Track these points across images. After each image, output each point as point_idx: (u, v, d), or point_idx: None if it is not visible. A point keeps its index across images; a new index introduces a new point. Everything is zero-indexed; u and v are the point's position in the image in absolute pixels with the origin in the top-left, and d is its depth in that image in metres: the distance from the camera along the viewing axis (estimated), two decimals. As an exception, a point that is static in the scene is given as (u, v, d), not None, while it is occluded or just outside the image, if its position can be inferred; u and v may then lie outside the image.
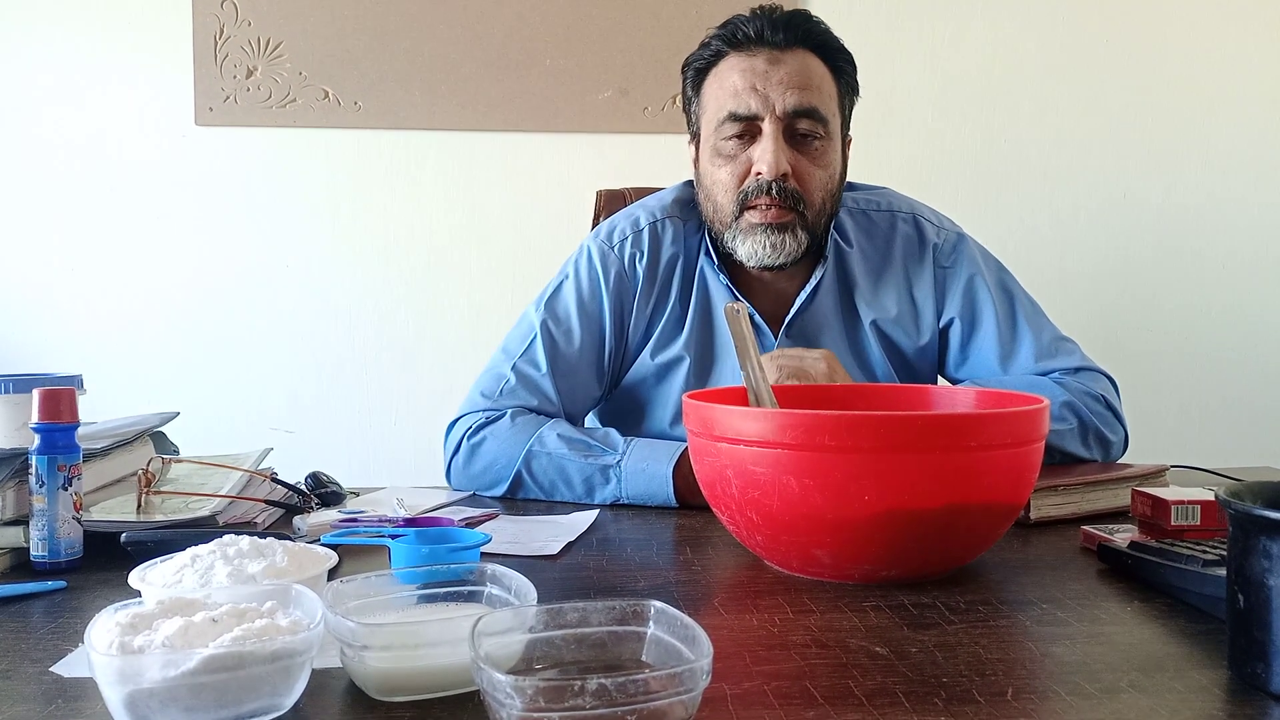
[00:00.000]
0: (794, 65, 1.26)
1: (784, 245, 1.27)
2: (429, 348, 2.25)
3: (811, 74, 1.27)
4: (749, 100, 1.25)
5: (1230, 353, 2.36)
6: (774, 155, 1.24)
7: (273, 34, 2.19)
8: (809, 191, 1.27)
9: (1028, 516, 1.07)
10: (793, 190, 1.26)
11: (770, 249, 1.27)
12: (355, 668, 0.63)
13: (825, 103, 1.27)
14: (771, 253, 1.27)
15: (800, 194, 1.26)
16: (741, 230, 1.28)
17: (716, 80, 1.30)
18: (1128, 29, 2.32)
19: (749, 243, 1.27)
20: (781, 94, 1.24)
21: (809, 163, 1.27)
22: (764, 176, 1.25)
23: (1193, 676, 0.66)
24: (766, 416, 0.86)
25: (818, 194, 1.28)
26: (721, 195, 1.29)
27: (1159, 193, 2.34)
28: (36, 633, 0.75)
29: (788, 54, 1.26)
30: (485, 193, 2.25)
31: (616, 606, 0.63)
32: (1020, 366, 1.34)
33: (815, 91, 1.26)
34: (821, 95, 1.27)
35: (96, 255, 2.21)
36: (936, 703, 0.62)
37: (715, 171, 1.30)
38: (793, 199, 1.26)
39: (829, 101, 1.28)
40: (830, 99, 1.29)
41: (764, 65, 1.26)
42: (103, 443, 1.06)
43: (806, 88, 1.25)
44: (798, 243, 1.27)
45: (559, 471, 1.22)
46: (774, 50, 1.26)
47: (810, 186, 1.27)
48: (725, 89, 1.28)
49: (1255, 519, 0.62)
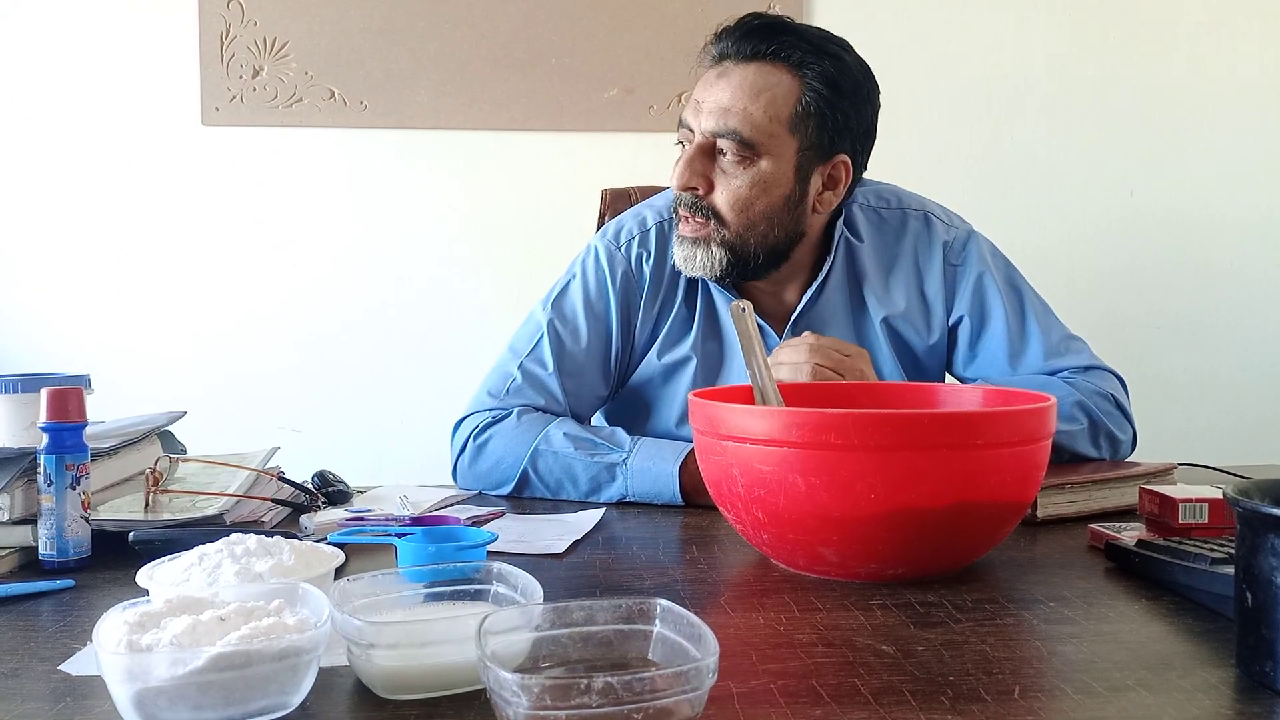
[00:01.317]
0: (735, 81, 1.23)
1: (695, 258, 1.27)
2: (435, 346, 2.25)
3: (751, 91, 1.22)
4: (688, 113, 1.26)
5: (1238, 351, 2.36)
6: (681, 169, 1.25)
7: (279, 34, 2.19)
8: (722, 208, 1.25)
9: (1035, 515, 1.07)
10: (705, 206, 1.25)
11: (683, 260, 1.28)
12: (362, 666, 0.63)
13: (755, 123, 1.21)
14: (684, 264, 1.28)
15: (714, 210, 1.25)
16: (675, 238, 1.30)
17: None
18: (1134, 28, 2.31)
19: (676, 250, 1.30)
20: (709, 111, 1.23)
21: (722, 179, 1.25)
22: (672, 187, 1.27)
23: (1200, 675, 0.66)
24: (773, 415, 0.86)
25: (733, 212, 1.25)
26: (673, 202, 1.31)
27: (1166, 191, 2.33)
28: (45, 631, 0.76)
29: (739, 68, 1.24)
30: (491, 192, 2.26)
31: (623, 605, 0.63)
32: (1029, 365, 1.34)
33: (741, 115, 1.21)
34: (750, 116, 1.21)
35: (103, 255, 2.22)
36: (943, 701, 0.62)
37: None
38: (705, 213, 1.25)
39: (765, 122, 1.22)
40: (771, 119, 1.22)
41: (712, 78, 1.25)
42: (110, 442, 1.07)
43: (732, 109, 1.22)
44: (711, 257, 1.26)
45: (565, 470, 1.22)
46: (729, 63, 1.25)
47: (723, 204, 1.25)
48: (690, 97, 1.28)
49: (1263, 517, 0.62)
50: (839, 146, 1.27)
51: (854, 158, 1.29)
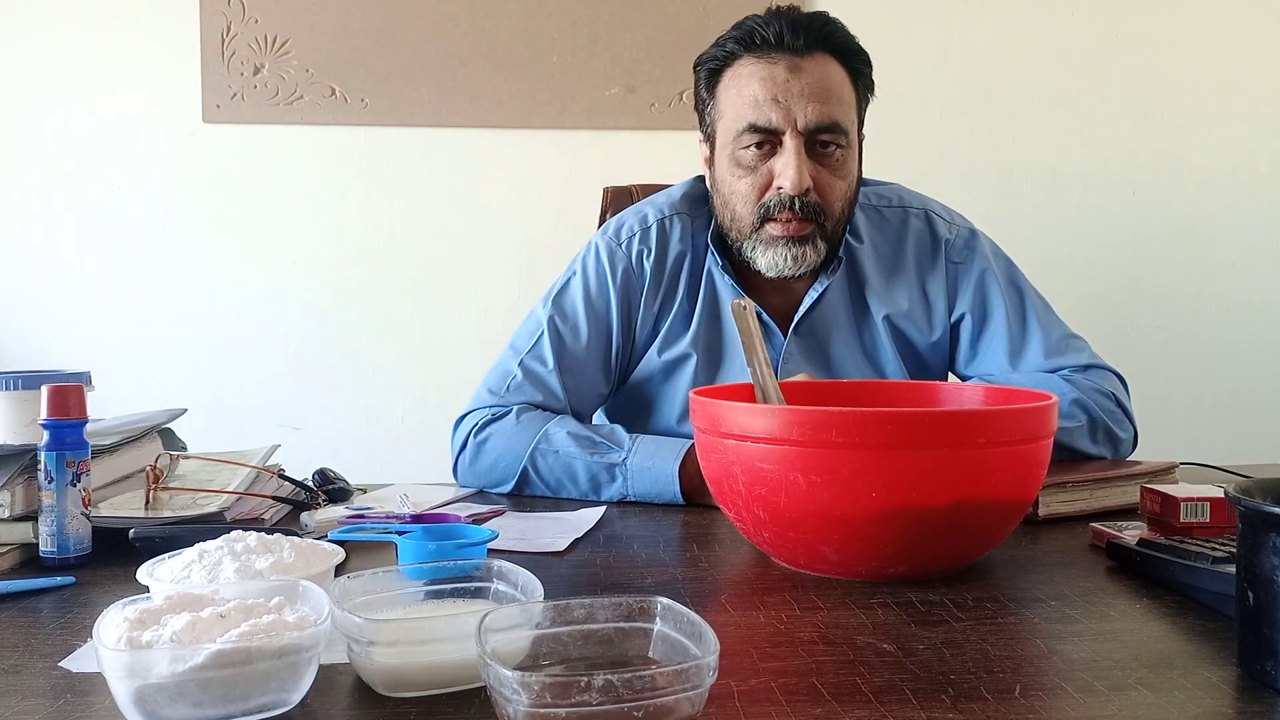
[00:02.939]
0: (815, 74, 1.23)
1: (804, 257, 1.27)
2: (436, 344, 2.25)
3: (831, 83, 1.24)
4: (770, 113, 1.23)
5: (1239, 349, 2.35)
6: (797, 171, 1.22)
7: (280, 31, 2.19)
8: (830, 203, 1.26)
9: (1036, 513, 1.07)
10: (814, 204, 1.25)
11: (791, 261, 1.27)
12: (362, 663, 0.63)
13: (845, 112, 1.25)
14: (793, 264, 1.27)
15: (821, 206, 1.25)
16: (762, 241, 1.27)
17: (734, 85, 1.27)
18: (1137, 24, 2.30)
19: (769, 254, 1.27)
20: (804, 107, 1.22)
21: (830, 175, 1.25)
22: (786, 192, 1.23)
23: (1202, 674, 0.66)
24: (774, 413, 0.86)
25: (838, 204, 1.27)
26: (741, 206, 1.28)
27: (1168, 189, 2.33)
28: (45, 628, 0.76)
29: (808, 60, 1.23)
30: (492, 189, 2.26)
31: (623, 603, 0.63)
32: (1030, 363, 1.33)
33: (836, 102, 1.23)
34: (842, 105, 1.24)
35: (104, 252, 2.22)
36: (944, 700, 0.62)
37: (735, 182, 1.28)
38: (814, 212, 1.25)
39: (848, 110, 1.26)
40: (850, 107, 1.26)
41: (784, 74, 1.23)
42: (111, 439, 1.07)
43: (827, 99, 1.23)
44: (817, 253, 1.27)
45: (565, 469, 1.22)
46: (794, 57, 1.23)
47: (831, 198, 1.26)
48: (744, 97, 1.25)
49: (1265, 516, 0.62)
50: (862, 123, 1.32)
51: None
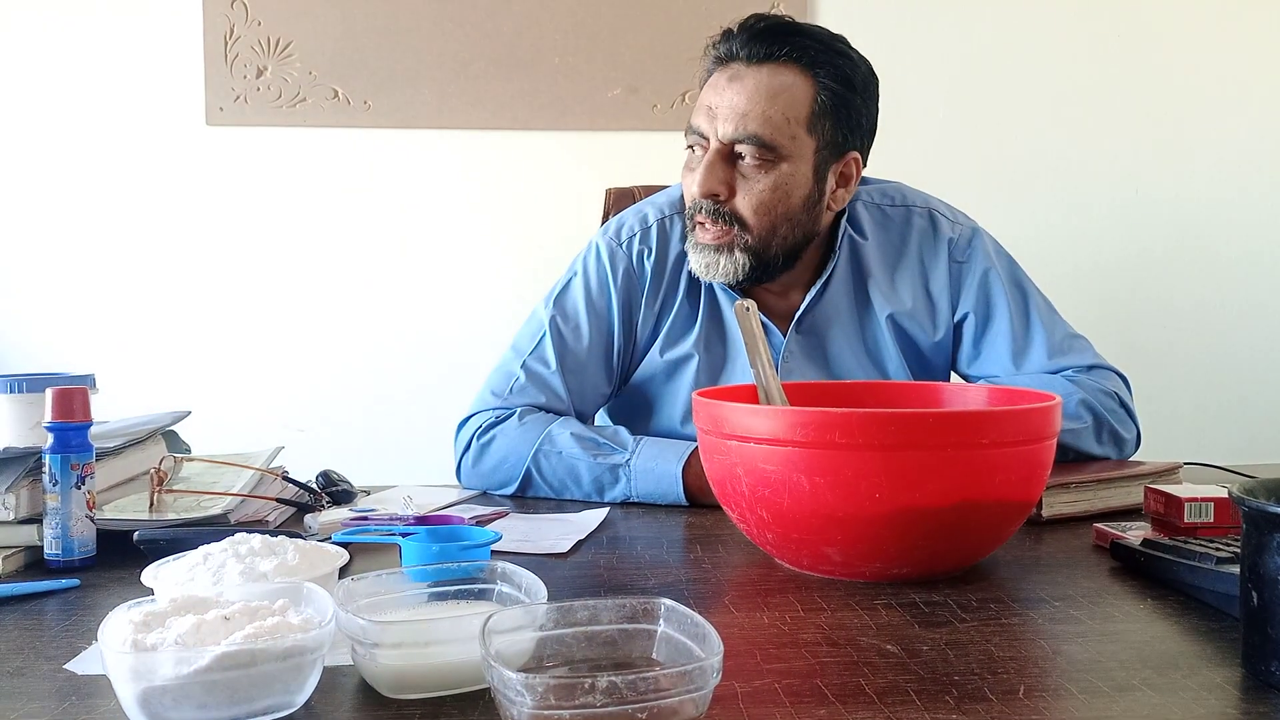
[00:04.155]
0: (750, 85, 1.22)
1: (718, 265, 1.26)
2: (439, 346, 2.25)
3: (768, 95, 1.21)
4: (701, 119, 1.25)
5: (1243, 349, 2.35)
6: (702, 176, 1.23)
7: (282, 34, 2.19)
8: (742, 213, 1.24)
9: (1040, 514, 1.06)
10: (727, 212, 1.24)
11: (704, 267, 1.27)
12: (366, 665, 0.63)
13: (775, 126, 1.21)
14: (705, 270, 1.27)
15: (736, 215, 1.25)
16: (691, 245, 1.29)
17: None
18: (1140, 23, 2.30)
19: (693, 257, 1.28)
20: (726, 117, 1.22)
21: (745, 185, 1.24)
22: (695, 195, 1.25)
23: (1206, 675, 0.66)
24: (777, 414, 0.86)
25: (757, 216, 1.24)
26: (685, 208, 1.30)
27: (1172, 189, 2.33)
28: (50, 631, 0.76)
29: (753, 70, 1.22)
30: (494, 191, 2.26)
31: (627, 604, 0.63)
32: (1033, 363, 1.33)
33: (760, 117, 1.21)
34: (770, 119, 1.21)
35: (108, 255, 2.22)
36: (948, 701, 0.61)
37: (682, 181, 1.30)
38: (727, 219, 1.25)
39: (784, 124, 1.21)
40: (790, 121, 1.22)
41: (724, 83, 1.23)
42: (115, 441, 1.07)
43: (750, 113, 1.21)
44: (734, 263, 1.26)
45: (568, 470, 1.22)
46: (741, 66, 1.23)
47: (742, 209, 1.24)
48: (699, 101, 1.27)
49: (1269, 516, 0.62)
50: (851, 144, 1.27)
51: (863, 154, 1.30)
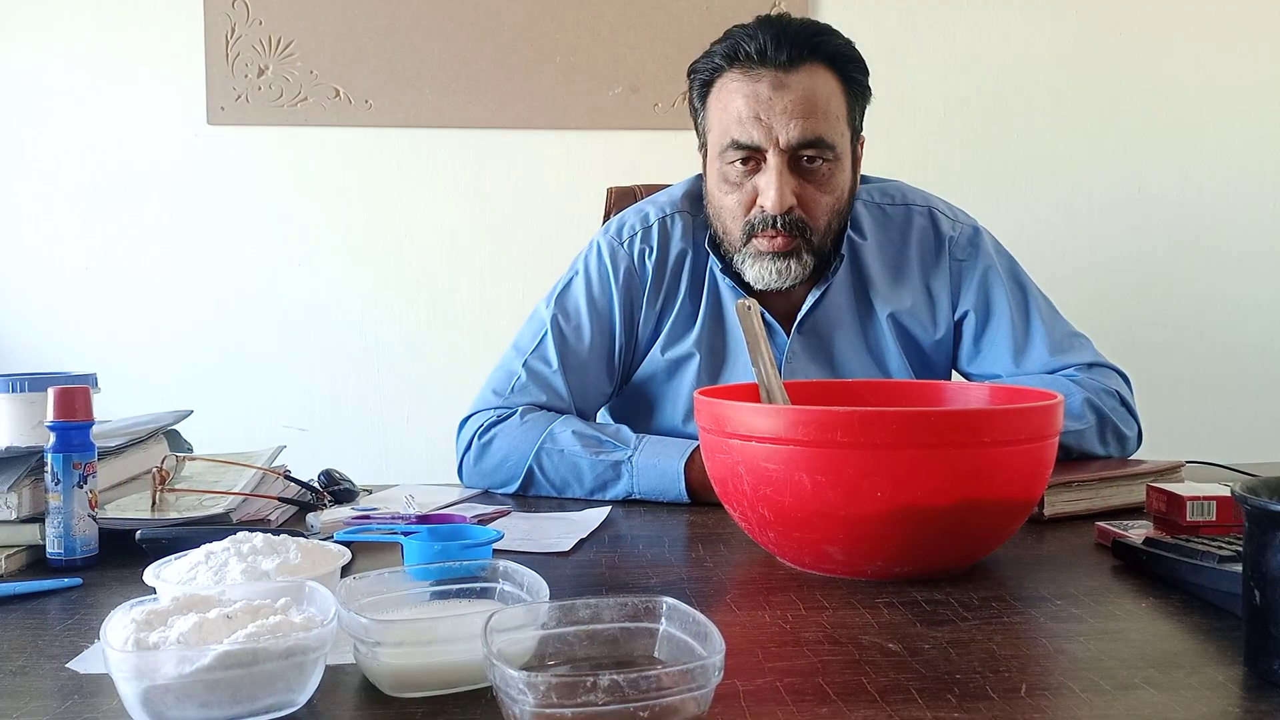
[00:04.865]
0: (799, 90, 1.21)
1: (789, 270, 1.26)
2: (441, 345, 2.25)
3: (817, 97, 1.22)
4: (752, 130, 1.22)
5: (1245, 348, 2.35)
6: (778, 192, 1.22)
7: (284, 33, 2.19)
8: (815, 218, 1.25)
9: (1042, 513, 1.06)
10: (798, 220, 1.24)
11: (776, 275, 1.27)
12: (368, 664, 0.63)
13: (832, 126, 1.23)
14: (778, 278, 1.27)
15: (806, 222, 1.25)
16: (749, 255, 1.27)
17: (720, 99, 1.26)
18: (1141, 23, 2.30)
19: (756, 267, 1.27)
20: (785, 125, 1.20)
21: (815, 190, 1.24)
22: (768, 211, 1.23)
23: (1208, 673, 0.66)
24: (779, 413, 0.86)
25: (823, 219, 1.26)
26: (729, 221, 1.28)
27: (1173, 187, 2.33)
28: (52, 629, 0.76)
29: (793, 75, 1.21)
30: (496, 190, 2.26)
31: (629, 603, 0.63)
32: (1033, 361, 1.33)
33: (820, 118, 1.21)
34: (828, 119, 1.22)
35: (110, 255, 2.22)
36: (950, 699, 0.61)
37: (722, 198, 1.28)
38: (799, 228, 1.24)
39: (836, 123, 1.24)
40: (838, 119, 1.24)
41: (768, 91, 1.21)
42: (117, 441, 1.07)
43: (811, 115, 1.21)
44: (803, 266, 1.26)
45: (570, 468, 1.22)
46: (778, 72, 1.21)
47: (816, 213, 1.25)
48: (729, 113, 1.24)
49: (1271, 514, 0.62)
50: (861, 127, 1.30)
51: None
